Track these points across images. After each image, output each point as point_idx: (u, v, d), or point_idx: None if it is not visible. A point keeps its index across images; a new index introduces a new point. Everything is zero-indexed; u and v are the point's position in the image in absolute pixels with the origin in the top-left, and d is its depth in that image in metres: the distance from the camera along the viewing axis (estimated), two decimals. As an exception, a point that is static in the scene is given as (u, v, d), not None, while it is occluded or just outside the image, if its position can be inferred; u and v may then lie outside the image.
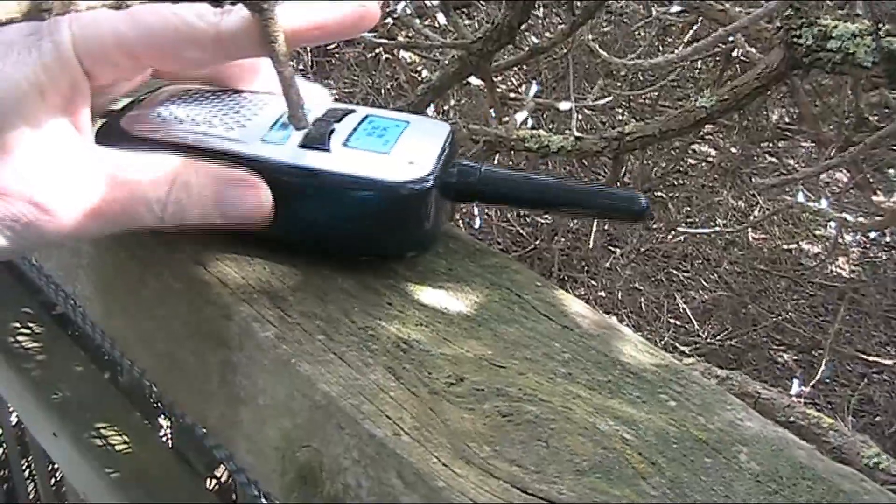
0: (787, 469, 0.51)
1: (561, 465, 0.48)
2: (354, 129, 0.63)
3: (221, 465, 1.05)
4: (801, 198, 2.78)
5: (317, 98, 0.67)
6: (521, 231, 4.72)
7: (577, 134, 1.71)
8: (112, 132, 0.62)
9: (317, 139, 0.61)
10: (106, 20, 0.55)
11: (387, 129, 0.63)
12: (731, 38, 2.32)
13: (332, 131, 0.62)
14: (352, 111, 0.65)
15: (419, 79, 2.92)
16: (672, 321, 4.29)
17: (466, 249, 0.67)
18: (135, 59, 0.57)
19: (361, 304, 0.59)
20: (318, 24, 0.59)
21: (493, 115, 2.13)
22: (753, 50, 2.04)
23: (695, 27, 3.22)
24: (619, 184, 4.18)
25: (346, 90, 4.27)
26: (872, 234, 4.63)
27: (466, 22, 4.15)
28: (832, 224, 4.33)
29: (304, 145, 0.61)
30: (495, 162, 2.86)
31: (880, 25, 1.22)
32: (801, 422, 1.82)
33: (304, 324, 0.57)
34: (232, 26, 0.56)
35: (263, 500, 0.61)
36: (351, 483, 0.51)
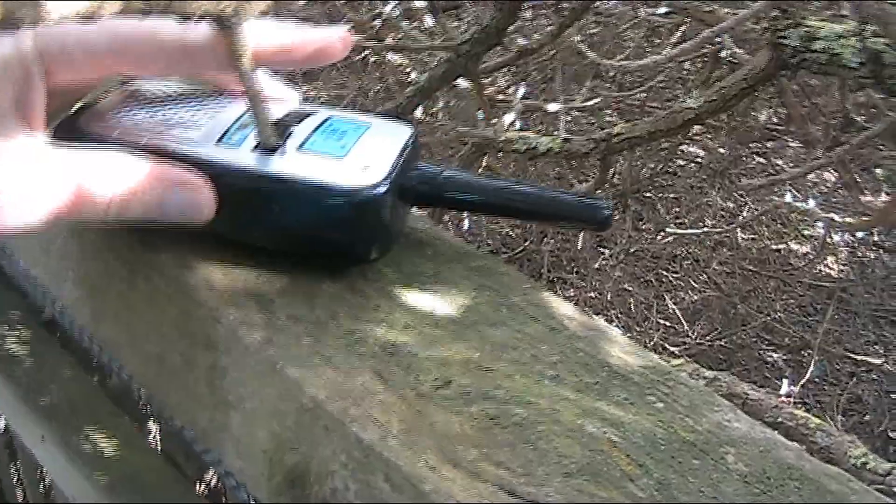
0: (774, 470, 0.51)
1: (549, 467, 0.48)
2: (313, 132, 0.62)
3: (211, 469, 1.05)
4: (788, 198, 2.79)
5: (283, 97, 0.67)
6: (511, 232, 4.72)
7: (564, 135, 1.71)
8: (70, 130, 0.62)
9: (270, 142, 0.60)
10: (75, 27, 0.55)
11: (346, 132, 0.63)
12: (718, 40, 2.33)
13: (290, 134, 0.61)
14: (313, 112, 0.65)
15: (408, 81, 2.92)
16: (661, 322, 4.29)
17: (454, 252, 0.67)
18: (98, 61, 0.57)
19: (349, 308, 0.59)
20: (283, 49, 0.60)
21: (482, 116, 2.13)
22: (741, 51, 2.04)
23: (682, 28, 3.22)
24: (607, 184, 4.18)
25: (335, 92, 4.27)
26: (861, 234, 4.63)
27: (454, 24, 4.16)
28: (820, 224, 4.34)
29: (260, 147, 0.60)
30: (484, 163, 2.86)
31: (866, 26, 1.23)
32: (788, 422, 1.82)
33: (292, 327, 0.57)
34: (199, 39, 0.56)
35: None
36: (339, 486, 0.51)
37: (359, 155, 0.61)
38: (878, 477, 1.69)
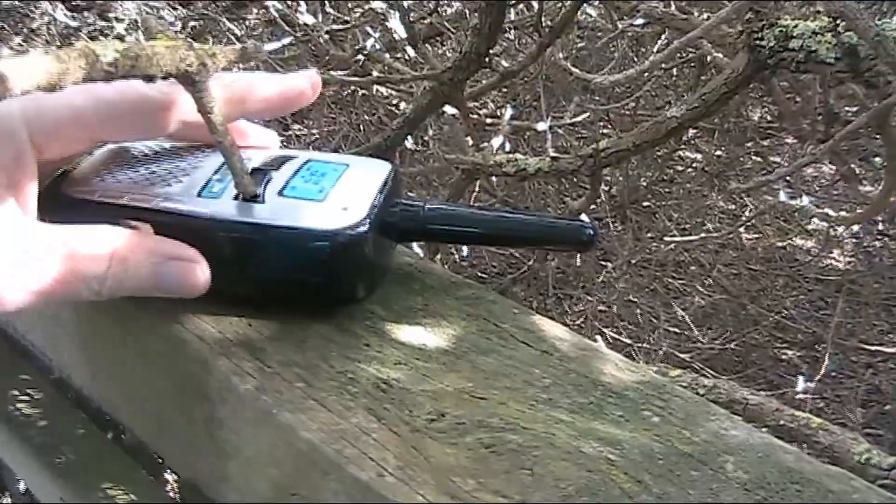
0: (774, 475, 0.51)
1: (546, 491, 0.48)
2: (292, 177, 0.63)
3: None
4: (783, 196, 2.78)
5: (263, 140, 0.68)
6: (515, 253, 4.72)
7: (552, 154, 1.71)
8: (53, 196, 0.62)
9: (250, 192, 0.61)
10: (59, 94, 0.55)
11: (325, 174, 0.63)
12: (699, 46, 2.33)
13: (269, 180, 0.62)
14: (292, 157, 0.65)
15: (397, 112, 2.93)
16: (671, 329, 4.28)
17: (441, 283, 0.67)
18: (90, 132, 0.57)
19: (339, 348, 0.59)
20: (264, 98, 0.61)
21: (470, 142, 2.14)
22: (721, 55, 2.05)
23: (663, 37, 3.23)
24: (603, 198, 4.18)
25: (327, 129, 4.29)
26: (865, 224, 4.63)
27: (441, 51, 4.17)
28: (817, 220, 4.33)
29: (240, 196, 0.61)
30: (477, 188, 2.86)
31: (839, 21, 1.23)
32: (790, 424, 1.82)
33: (283, 373, 0.57)
34: (180, 96, 0.57)
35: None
36: (342, 528, 0.51)
37: (338, 196, 0.61)
38: (882, 472, 1.68)
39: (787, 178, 4.35)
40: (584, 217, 0.67)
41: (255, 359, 0.58)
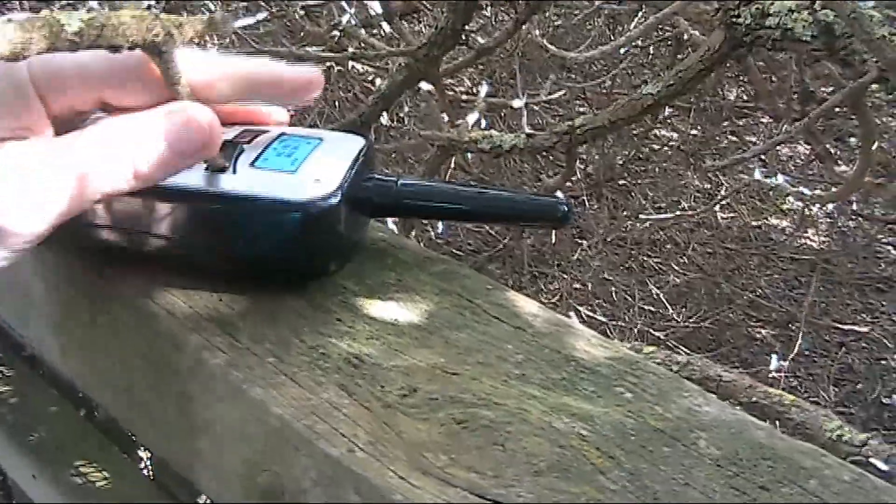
0: (746, 451, 0.51)
1: (518, 467, 0.48)
2: (265, 149, 0.62)
3: (204, 494, 1.04)
4: (758, 175, 2.79)
5: (275, 118, 0.67)
6: (490, 231, 4.72)
7: (528, 131, 1.71)
8: None
9: (221, 162, 0.60)
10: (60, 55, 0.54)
11: (298, 147, 0.63)
12: (677, 23, 2.33)
13: (241, 152, 0.61)
14: (265, 131, 0.64)
15: (373, 89, 2.92)
16: (646, 308, 4.30)
17: (415, 258, 0.67)
18: (95, 90, 0.56)
19: (311, 323, 0.59)
20: (270, 80, 0.60)
21: (446, 119, 2.13)
22: (697, 33, 2.05)
23: (640, 14, 3.23)
24: (578, 176, 4.18)
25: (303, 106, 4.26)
26: (840, 204, 4.65)
27: (416, 27, 4.16)
28: (792, 198, 4.35)
29: (209, 168, 0.60)
30: (452, 164, 2.85)
31: (815, -1, 1.23)
32: (763, 401, 1.82)
33: (254, 348, 0.56)
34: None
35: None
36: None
37: (311, 168, 0.61)
38: (854, 448, 1.69)
39: (763, 157, 4.37)
40: (559, 194, 0.67)
41: (226, 334, 0.58)
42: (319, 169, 0.61)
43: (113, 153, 0.53)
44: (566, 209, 0.65)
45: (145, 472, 1.16)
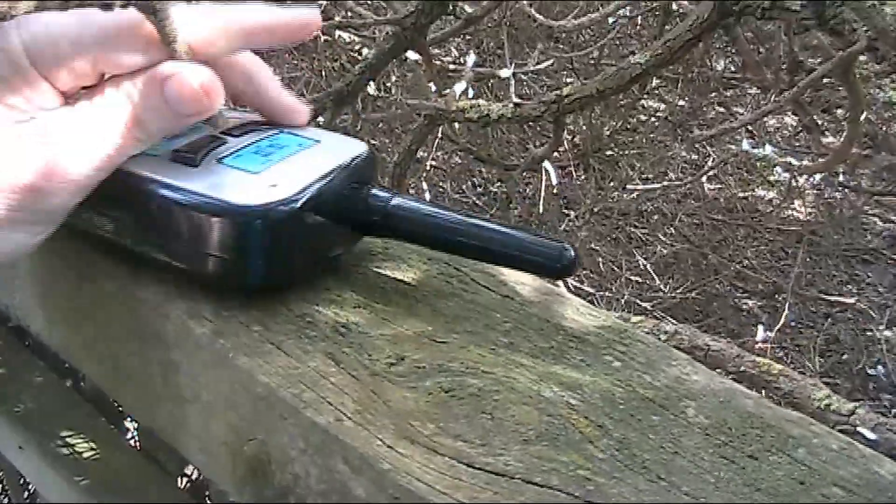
0: (735, 420, 0.51)
1: (506, 436, 0.48)
2: (247, 146, 0.59)
3: (191, 463, 1.04)
4: (745, 145, 2.79)
5: (295, 110, 0.63)
6: (478, 201, 4.72)
7: (515, 100, 1.70)
8: None
9: (188, 153, 0.57)
10: (55, 24, 0.53)
11: (284, 147, 0.59)
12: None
13: (221, 145, 0.58)
14: (265, 128, 0.61)
15: (359, 58, 2.91)
16: (633, 278, 4.31)
17: (403, 227, 0.66)
18: (92, 60, 0.55)
19: (297, 291, 0.58)
20: (268, 27, 0.58)
21: (433, 88, 2.12)
22: (686, 2, 2.04)
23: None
24: (566, 146, 4.17)
25: (289, 74, 4.25)
26: (826, 176, 4.65)
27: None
28: (779, 169, 4.35)
29: (174, 158, 0.57)
30: (439, 134, 2.84)
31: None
32: (751, 370, 1.83)
33: (240, 316, 0.56)
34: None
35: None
36: (300, 472, 0.51)
37: (275, 172, 0.57)
38: (842, 417, 1.70)
39: (750, 127, 4.37)
40: (565, 244, 0.60)
41: (212, 302, 0.57)
42: (285, 173, 0.57)
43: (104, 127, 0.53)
44: (572, 256, 0.57)
45: (132, 441, 1.16)
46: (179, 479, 1.13)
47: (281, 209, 0.55)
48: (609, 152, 5.02)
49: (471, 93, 2.28)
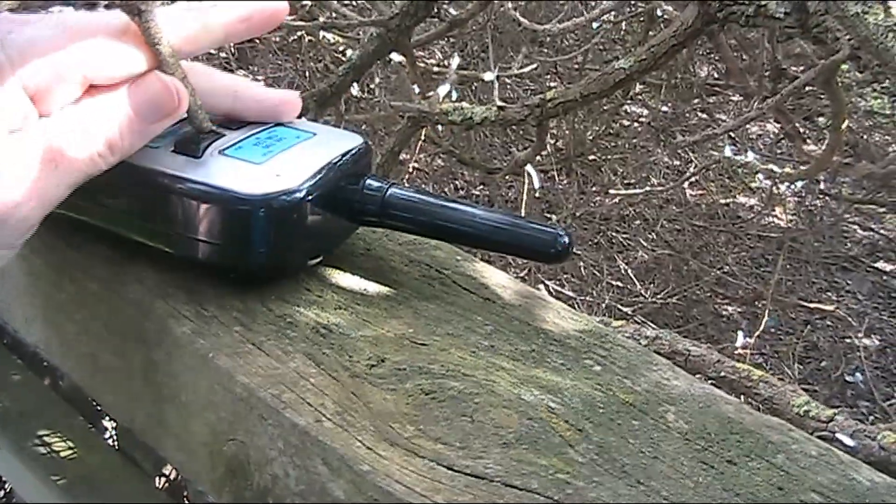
0: (715, 425, 0.51)
1: (486, 438, 0.48)
2: (246, 138, 0.59)
3: (169, 464, 1.04)
4: (728, 152, 2.80)
5: (288, 101, 0.64)
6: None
7: (499, 103, 1.70)
8: None
9: (189, 145, 0.58)
10: (41, 38, 0.53)
11: (283, 139, 0.60)
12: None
13: (220, 137, 0.59)
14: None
15: (343, 59, 2.91)
16: (614, 283, 4.31)
17: (383, 229, 0.66)
18: (78, 73, 0.54)
19: (278, 292, 0.58)
20: (243, 18, 0.58)
21: (417, 90, 2.12)
22: (671, 8, 2.05)
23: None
24: (548, 150, 4.17)
25: (273, 75, 4.24)
26: (807, 183, 4.67)
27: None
28: (761, 176, 4.37)
29: (176, 150, 0.58)
30: (422, 136, 2.84)
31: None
32: (731, 376, 1.84)
33: (221, 316, 0.56)
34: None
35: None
36: (279, 473, 0.50)
37: (278, 162, 0.58)
38: (821, 424, 1.71)
39: (733, 134, 4.38)
40: (559, 230, 0.61)
41: (193, 302, 0.57)
42: (288, 164, 0.58)
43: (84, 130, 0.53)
44: (567, 242, 0.59)
45: (110, 441, 1.15)
46: (157, 478, 1.13)
47: (287, 198, 0.56)
48: (592, 157, 5.02)
49: (454, 95, 2.28)
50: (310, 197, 0.57)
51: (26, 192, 0.52)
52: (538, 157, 2.48)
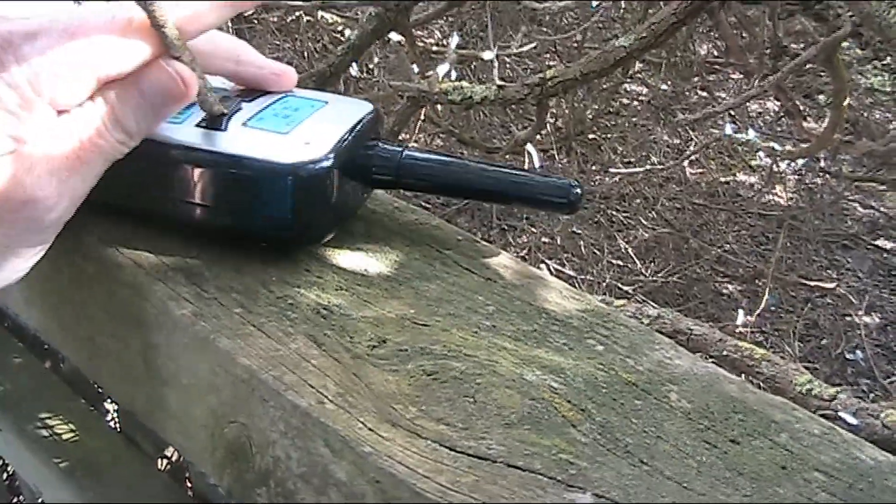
0: (718, 404, 0.51)
1: (489, 419, 0.48)
2: (263, 109, 0.60)
3: (170, 446, 1.04)
4: (728, 130, 2.79)
5: (283, 73, 0.65)
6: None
7: (498, 83, 1.70)
8: None
9: (214, 118, 0.59)
10: (50, 48, 0.53)
11: (298, 108, 0.61)
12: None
13: (238, 110, 0.60)
14: (270, 93, 0.63)
15: (342, 39, 2.90)
16: (615, 262, 4.31)
17: (384, 208, 0.66)
18: (94, 70, 0.54)
19: (279, 273, 0.58)
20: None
21: (416, 70, 2.11)
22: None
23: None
24: (548, 129, 4.17)
25: (271, 55, 4.23)
26: (807, 161, 4.66)
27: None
28: (762, 154, 4.36)
29: (200, 125, 0.59)
30: (422, 116, 2.83)
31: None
32: (734, 355, 1.83)
33: (221, 298, 0.56)
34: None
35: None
36: (280, 455, 0.50)
37: (304, 131, 0.59)
38: (823, 402, 1.71)
39: (733, 112, 4.37)
40: (572, 181, 0.63)
41: (193, 284, 0.57)
42: (313, 132, 0.59)
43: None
44: (579, 192, 0.61)
45: (111, 423, 1.15)
46: (159, 461, 1.13)
47: (319, 165, 0.58)
48: (591, 136, 5.01)
49: (454, 75, 2.27)
50: (338, 163, 0.58)
51: (58, 192, 0.52)
52: (538, 136, 2.48)
